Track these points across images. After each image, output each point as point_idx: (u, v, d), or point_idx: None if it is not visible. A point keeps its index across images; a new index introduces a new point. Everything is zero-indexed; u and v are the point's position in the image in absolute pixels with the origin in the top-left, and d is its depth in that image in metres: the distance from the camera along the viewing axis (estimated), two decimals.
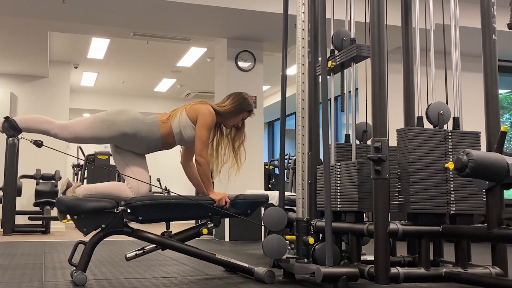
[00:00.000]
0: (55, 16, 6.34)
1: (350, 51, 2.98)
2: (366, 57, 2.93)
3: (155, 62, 9.69)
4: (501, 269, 2.56)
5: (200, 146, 3.11)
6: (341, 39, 3.10)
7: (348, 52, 2.99)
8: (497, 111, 2.66)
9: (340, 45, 3.11)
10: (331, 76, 3.21)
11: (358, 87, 7.52)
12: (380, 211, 2.49)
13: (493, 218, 2.37)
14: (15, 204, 7.40)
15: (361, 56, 2.94)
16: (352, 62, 3.02)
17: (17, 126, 3.01)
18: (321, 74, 2.94)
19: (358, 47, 2.92)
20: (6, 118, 3.02)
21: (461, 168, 2.31)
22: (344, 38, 3.10)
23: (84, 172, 9.62)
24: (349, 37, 3.09)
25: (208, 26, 6.79)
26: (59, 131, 3.04)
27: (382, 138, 2.52)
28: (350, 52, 2.98)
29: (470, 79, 7.31)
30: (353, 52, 2.94)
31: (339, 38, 3.11)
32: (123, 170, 3.13)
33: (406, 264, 2.95)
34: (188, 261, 4.05)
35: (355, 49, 2.93)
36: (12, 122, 3.00)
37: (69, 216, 2.96)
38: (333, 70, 3.17)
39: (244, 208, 3.20)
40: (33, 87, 9.36)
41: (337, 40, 3.12)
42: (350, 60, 3.01)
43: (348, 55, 2.99)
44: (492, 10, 2.70)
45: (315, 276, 2.61)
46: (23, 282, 2.99)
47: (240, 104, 3.28)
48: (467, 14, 6.52)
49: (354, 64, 3.04)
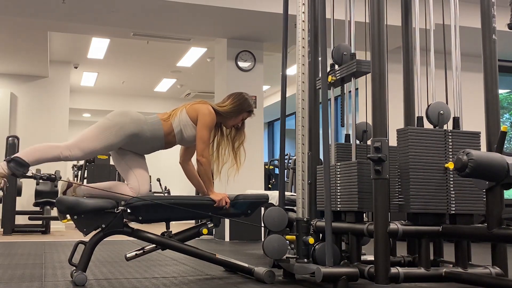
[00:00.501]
0: (55, 16, 6.34)
1: (350, 66, 2.95)
2: (366, 72, 2.90)
3: (155, 62, 9.69)
4: (501, 269, 2.56)
5: (202, 146, 3.11)
6: (341, 53, 3.08)
7: (349, 68, 2.97)
8: (497, 111, 2.66)
9: (340, 60, 3.08)
10: (331, 89, 3.18)
11: (358, 87, 7.52)
12: (380, 211, 2.49)
13: (493, 218, 2.37)
14: (15, 204, 7.40)
15: (361, 71, 2.92)
16: (352, 77, 3.01)
17: (25, 162, 2.88)
18: (321, 89, 2.93)
19: (358, 63, 2.90)
20: (11, 158, 2.87)
21: (461, 168, 2.31)
22: (344, 53, 3.08)
23: (84, 172, 9.62)
24: (349, 51, 3.08)
25: (208, 26, 6.79)
26: (70, 153, 2.94)
27: (382, 138, 2.52)
28: (350, 68, 2.95)
29: (470, 79, 7.31)
30: (353, 67, 2.92)
31: (339, 52, 3.08)
32: (124, 171, 3.13)
33: (406, 264, 2.95)
34: (188, 261, 4.04)
35: (355, 64, 2.90)
36: (18, 160, 2.87)
37: (69, 216, 2.95)
38: (333, 84, 3.15)
39: (244, 208, 3.20)
40: (33, 87, 9.36)
41: (337, 55, 3.09)
42: (350, 75, 2.99)
43: (348, 70, 2.97)
44: (492, 10, 2.70)
45: (315, 276, 2.61)
46: (23, 282, 2.99)
47: (240, 104, 3.28)
48: (467, 14, 6.52)
49: (354, 79, 3.02)
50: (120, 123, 3.02)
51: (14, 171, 2.87)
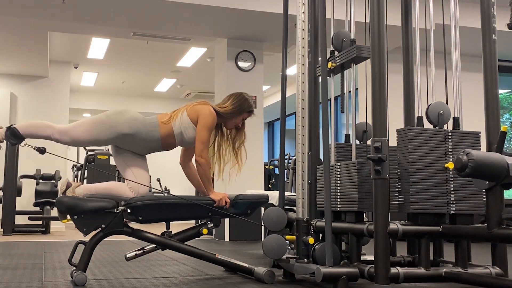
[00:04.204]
0: (55, 16, 6.34)
1: (350, 52, 2.98)
2: (366, 58, 2.93)
3: (155, 62, 9.69)
4: (501, 269, 2.56)
5: (201, 146, 3.11)
6: (341, 40, 3.10)
7: (348, 53, 2.99)
8: (497, 111, 2.65)
9: (340, 46, 3.10)
10: (331, 77, 3.21)
11: (358, 87, 7.52)
12: (380, 211, 2.49)
13: (493, 218, 2.37)
14: (15, 204, 7.40)
15: (361, 57, 2.94)
16: (352, 63, 3.02)
17: (20, 134, 3.02)
18: (321, 75, 2.94)
19: (358, 48, 2.92)
20: (9, 127, 3.02)
21: (461, 168, 2.31)
22: (344, 39, 3.09)
23: (84, 172, 9.62)
24: (349, 38, 3.09)
25: (208, 26, 6.79)
26: (59, 137, 3.05)
27: (382, 138, 2.52)
28: (350, 53, 2.98)
29: (470, 79, 7.31)
30: (353, 53, 2.94)
31: (339, 39, 3.11)
32: (123, 171, 3.13)
33: (406, 264, 2.95)
34: (188, 261, 4.04)
35: (355, 50, 2.93)
36: (14, 130, 3.01)
37: (69, 216, 2.95)
38: (333, 71, 3.17)
39: (244, 208, 3.20)
40: (33, 87, 9.36)
41: (337, 41, 3.11)
42: (350, 61, 3.01)
43: (348, 56, 2.99)
44: (492, 10, 2.70)
45: (315, 276, 2.61)
46: (23, 282, 2.99)
47: (240, 104, 3.28)
48: (467, 14, 6.52)
49: (354, 65, 3.03)
50: (113, 122, 3.05)
51: (8, 139, 3.04)
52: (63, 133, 3.05)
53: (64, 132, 3.05)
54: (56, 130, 3.05)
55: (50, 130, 3.05)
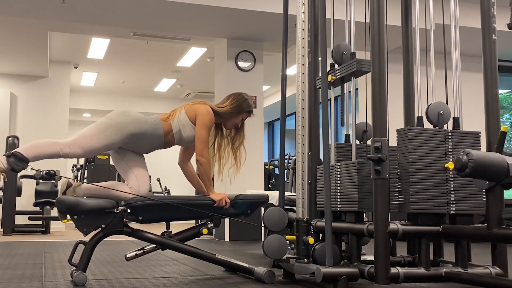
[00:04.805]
0: (55, 16, 6.34)
1: (350, 66, 2.95)
2: (366, 72, 2.90)
3: (155, 62, 9.69)
4: (501, 269, 2.56)
5: (201, 146, 3.11)
6: (341, 53, 3.07)
7: (349, 67, 2.97)
8: (497, 111, 2.66)
9: (340, 59, 3.08)
10: (331, 89, 3.19)
11: (358, 87, 7.52)
12: (380, 211, 2.49)
13: (493, 218, 2.37)
14: (15, 204, 7.40)
15: (361, 71, 2.92)
16: (352, 76, 3.00)
17: (24, 157, 2.87)
18: (321, 88, 2.93)
19: (358, 62, 2.90)
20: (11, 153, 2.87)
21: (461, 168, 2.31)
22: (344, 52, 3.07)
23: (84, 172, 9.62)
24: (349, 51, 3.07)
25: (208, 26, 6.79)
26: (69, 150, 2.95)
27: (382, 138, 2.52)
28: (350, 67, 2.95)
29: (470, 79, 7.31)
30: (353, 67, 2.92)
31: (339, 52, 3.08)
32: (125, 172, 3.13)
33: (406, 264, 2.95)
34: (188, 261, 4.04)
35: (355, 64, 2.90)
36: (18, 155, 2.87)
37: (69, 216, 2.95)
38: (333, 84, 3.15)
39: (244, 208, 3.20)
40: (33, 87, 9.35)
41: (337, 54, 3.09)
42: (350, 74, 2.98)
43: (348, 70, 2.97)
44: (492, 10, 2.70)
45: (315, 276, 2.61)
46: (23, 282, 2.99)
47: (240, 104, 3.29)
48: (467, 14, 6.52)
49: (354, 79, 3.02)
50: (121, 123, 3.03)
51: (14, 166, 2.86)
52: (72, 145, 2.95)
53: (72, 144, 2.96)
54: (63, 145, 2.94)
55: (56, 147, 2.93)
